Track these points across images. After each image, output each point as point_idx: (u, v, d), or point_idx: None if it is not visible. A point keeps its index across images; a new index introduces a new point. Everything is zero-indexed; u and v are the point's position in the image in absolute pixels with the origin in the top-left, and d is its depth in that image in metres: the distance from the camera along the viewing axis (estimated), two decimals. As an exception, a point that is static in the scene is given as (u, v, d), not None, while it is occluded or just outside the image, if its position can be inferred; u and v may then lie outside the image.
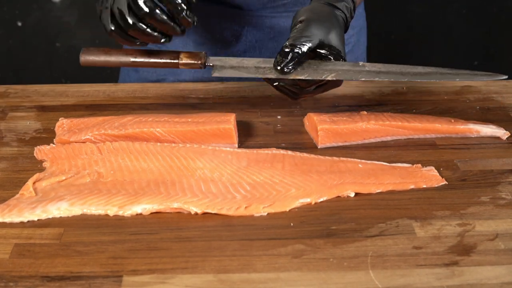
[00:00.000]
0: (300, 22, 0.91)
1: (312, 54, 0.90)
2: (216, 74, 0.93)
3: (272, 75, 0.90)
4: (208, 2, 1.13)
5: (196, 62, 0.93)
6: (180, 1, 0.82)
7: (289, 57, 0.88)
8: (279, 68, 0.88)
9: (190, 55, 0.93)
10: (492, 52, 2.31)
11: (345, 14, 0.96)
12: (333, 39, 0.90)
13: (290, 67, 0.88)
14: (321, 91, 0.93)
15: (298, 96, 0.93)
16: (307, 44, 0.88)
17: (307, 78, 0.89)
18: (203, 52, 0.94)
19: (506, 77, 0.92)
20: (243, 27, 1.14)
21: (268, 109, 1.06)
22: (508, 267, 0.71)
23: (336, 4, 0.95)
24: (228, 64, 0.93)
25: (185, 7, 0.82)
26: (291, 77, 0.89)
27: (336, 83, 0.91)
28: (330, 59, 0.90)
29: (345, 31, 0.96)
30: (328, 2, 0.95)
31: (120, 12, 0.83)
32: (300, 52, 0.88)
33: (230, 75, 0.93)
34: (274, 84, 0.92)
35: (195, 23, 0.85)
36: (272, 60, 0.91)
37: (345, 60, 0.90)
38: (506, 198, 0.83)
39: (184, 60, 0.93)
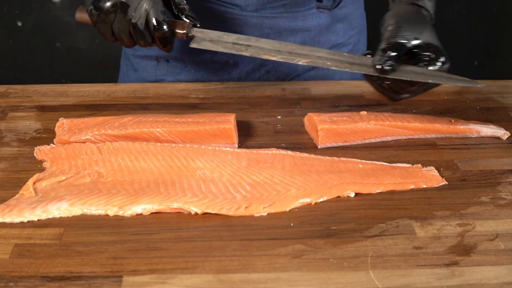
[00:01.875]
0: (391, 26, 0.90)
1: (406, 57, 0.89)
2: (194, 45, 0.93)
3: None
4: (208, 2, 1.13)
5: (180, 31, 0.93)
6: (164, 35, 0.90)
7: (387, 55, 0.87)
8: (379, 67, 0.87)
9: (175, 23, 0.93)
10: (492, 52, 2.31)
11: (429, 12, 0.95)
12: (428, 36, 0.89)
13: (389, 66, 0.87)
14: (421, 91, 0.91)
15: (399, 96, 0.92)
16: (404, 42, 0.88)
17: (409, 79, 0.88)
18: (188, 22, 0.94)
19: (483, 85, 0.91)
20: (243, 27, 1.14)
21: (268, 109, 1.06)
22: (508, 267, 0.71)
23: (419, 2, 0.95)
24: (208, 37, 0.93)
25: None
26: (392, 76, 0.88)
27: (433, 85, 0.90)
28: (429, 57, 0.88)
29: None
30: (411, 2, 0.95)
31: (119, 36, 0.91)
32: (397, 50, 0.87)
33: (208, 47, 0.93)
34: (377, 82, 0.90)
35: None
36: (252, 38, 0.92)
37: (445, 56, 0.89)
38: (506, 198, 0.83)
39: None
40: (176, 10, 0.94)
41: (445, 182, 0.86)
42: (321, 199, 0.82)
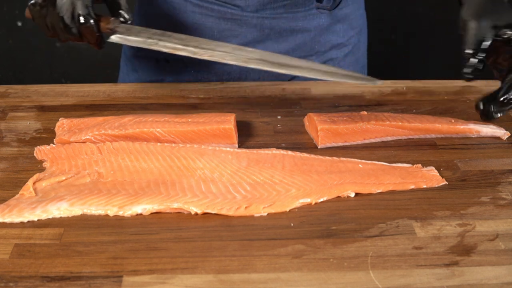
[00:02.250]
0: (464, 24, 0.87)
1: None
2: (112, 39, 0.94)
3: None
4: (208, 3, 1.13)
5: (104, 25, 0.93)
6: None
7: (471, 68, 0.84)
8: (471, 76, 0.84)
9: (100, 18, 0.93)
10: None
11: None
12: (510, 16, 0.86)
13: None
14: None
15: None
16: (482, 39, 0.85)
17: (304, 74, 0.89)
18: (114, 18, 0.94)
19: (382, 82, 0.88)
20: (243, 28, 1.14)
21: (268, 109, 1.06)
22: (509, 268, 0.71)
23: None
24: (132, 32, 0.94)
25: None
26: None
27: None
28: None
29: None
30: None
31: (53, 30, 0.92)
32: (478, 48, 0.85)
33: (127, 43, 0.94)
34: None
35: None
36: (167, 32, 0.93)
37: None
38: (506, 198, 0.83)
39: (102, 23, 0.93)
40: (111, 5, 0.94)
41: (445, 182, 0.86)
42: (321, 199, 0.82)
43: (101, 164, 0.86)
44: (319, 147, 0.95)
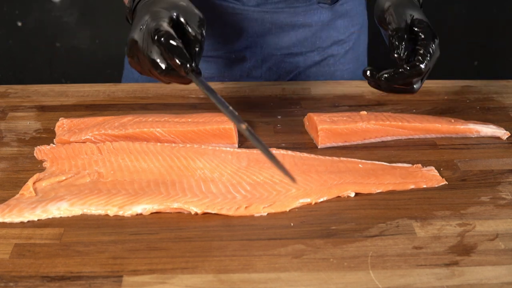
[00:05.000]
0: (387, 9, 0.91)
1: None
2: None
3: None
4: None
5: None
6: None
7: (404, 42, 0.86)
8: (402, 55, 0.86)
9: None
10: (492, 52, 2.31)
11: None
12: (420, 15, 0.90)
13: (404, 49, 0.87)
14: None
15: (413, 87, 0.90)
16: (405, 22, 0.88)
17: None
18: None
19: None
20: (244, 22, 1.14)
21: (268, 109, 1.06)
22: (509, 267, 0.71)
23: None
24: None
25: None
26: None
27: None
28: (420, 35, 0.88)
29: None
30: None
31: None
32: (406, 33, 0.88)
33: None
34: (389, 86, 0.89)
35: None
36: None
37: (433, 31, 0.89)
38: (506, 198, 0.83)
39: None
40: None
41: (445, 182, 0.86)
42: (321, 199, 0.82)
43: (101, 164, 0.86)
44: (319, 147, 0.95)
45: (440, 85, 1.16)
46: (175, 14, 0.82)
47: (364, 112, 0.99)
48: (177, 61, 0.77)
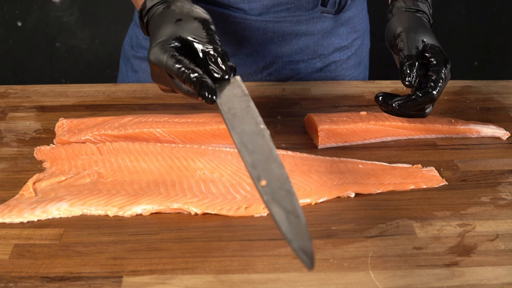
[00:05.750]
0: (399, 34, 0.91)
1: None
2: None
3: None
4: (212, 5, 1.13)
5: None
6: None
7: (415, 69, 0.86)
8: (414, 83, 0.86)
9: None
10: (492, 52, 2.31)
11: (427, 14, 0.97)
12: (432, 39, 0.90)
13: (415, 77, 0.86)
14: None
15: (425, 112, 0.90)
16: (417, 49, 0.88)
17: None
18: None
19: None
20: (246, 31, 1.14)
21: (268, 109, 1.06)
22: (509, 268, 0.71)
23: (416, 7, 0.96)
24: None
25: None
26: None
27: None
28: (432, 61, 0.88)
29: None
30: (407, 9, 0.96)
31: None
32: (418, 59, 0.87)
33: None
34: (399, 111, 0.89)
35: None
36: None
37: (445, 55, 0.89)
38: (506, 198, 0.83)
39: None
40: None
41: (445, 183, 0.86)
42: (321, 199, 0.82)
43: (101, 165, 0.86)
44: (319, 147, 0.95)
45: (440, 85, 1.16)
46: (180, 38, 0.79)
47: (364, 113, 0.99)
48: (201, 94, 0.73)
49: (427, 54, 0.88)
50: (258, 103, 1.08)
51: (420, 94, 0.86)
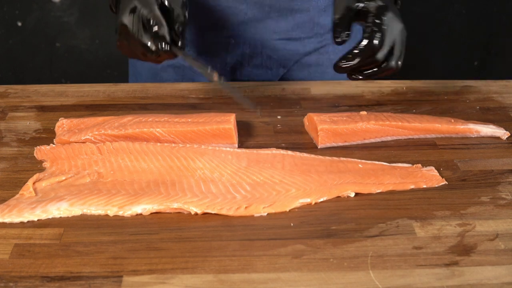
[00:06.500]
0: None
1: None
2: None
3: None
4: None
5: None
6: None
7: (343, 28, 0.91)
8: (340, 40, 0.91)
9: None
10: (492, 52, 2.31)
11: None
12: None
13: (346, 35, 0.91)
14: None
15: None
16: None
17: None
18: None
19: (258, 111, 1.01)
20: (243, 5, 1.14)
21: (268, 109, 1.06)
22: (509, 267, 0.71)
23: None
24: None
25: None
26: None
27: None
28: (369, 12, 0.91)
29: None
30: None
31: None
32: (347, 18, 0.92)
33: None
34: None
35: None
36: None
37: (383, 4, 0.92)
38: (506, 198, 0.83)
39: None
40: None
41: (445, 182, 0.86)
42: (321, 199, 0.82)
43: (101, 164, 0.86)
44: (319, 147, 0.95)
45: (440, 85, 1.16)
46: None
47: (364, 112, 0.99)
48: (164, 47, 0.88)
49: (361, 5, 0.91)
50: (258, 103, 1.08)
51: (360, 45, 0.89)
